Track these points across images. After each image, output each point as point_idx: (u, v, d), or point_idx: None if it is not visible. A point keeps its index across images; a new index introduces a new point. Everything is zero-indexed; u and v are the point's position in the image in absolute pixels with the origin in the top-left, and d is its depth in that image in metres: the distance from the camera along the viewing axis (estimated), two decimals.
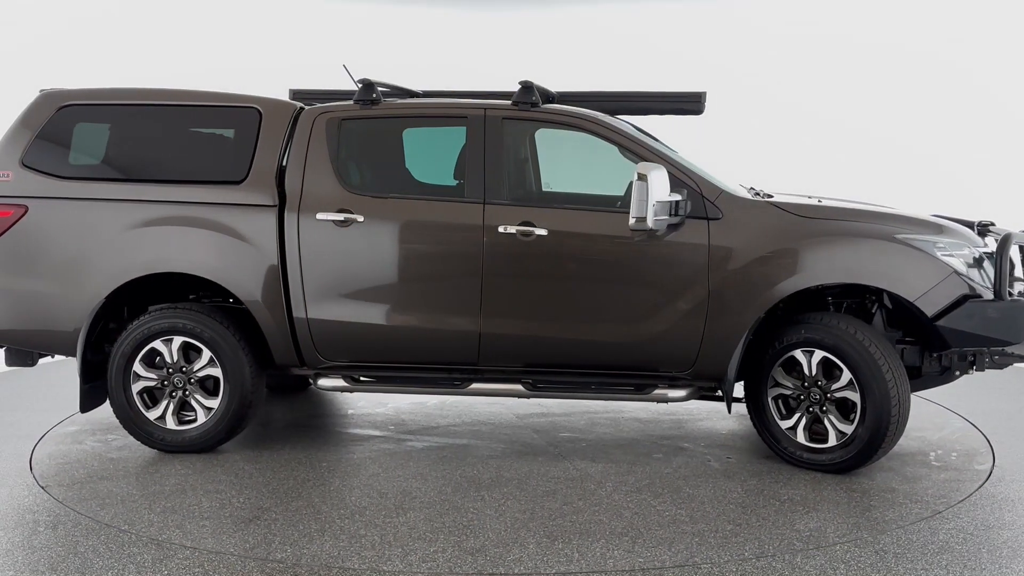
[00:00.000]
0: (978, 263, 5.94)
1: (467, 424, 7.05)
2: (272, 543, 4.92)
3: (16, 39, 9.03)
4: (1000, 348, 5.97)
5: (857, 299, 6.18)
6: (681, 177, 6.01)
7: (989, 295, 5.86)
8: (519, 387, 6.17)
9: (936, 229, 5.97)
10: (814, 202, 6.43)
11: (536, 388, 6.19)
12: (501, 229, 6.04)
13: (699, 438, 6.71)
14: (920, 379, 6.46)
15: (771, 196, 6.86)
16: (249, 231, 6.20)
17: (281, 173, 6.25)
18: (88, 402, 6.39)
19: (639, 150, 6.11)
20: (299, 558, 4.75)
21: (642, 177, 5.63)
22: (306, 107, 6.46)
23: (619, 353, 6.04)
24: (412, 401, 7.60)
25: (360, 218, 6.13)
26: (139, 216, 6.26)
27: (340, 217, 6.14)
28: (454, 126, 6.30)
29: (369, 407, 7.54)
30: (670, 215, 5.81)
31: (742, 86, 11.38)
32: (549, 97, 7.24)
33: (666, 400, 6.11)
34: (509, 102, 6.31)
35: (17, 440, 6.62)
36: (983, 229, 6.71)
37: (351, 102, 6.41)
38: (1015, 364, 6.33)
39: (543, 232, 6.02)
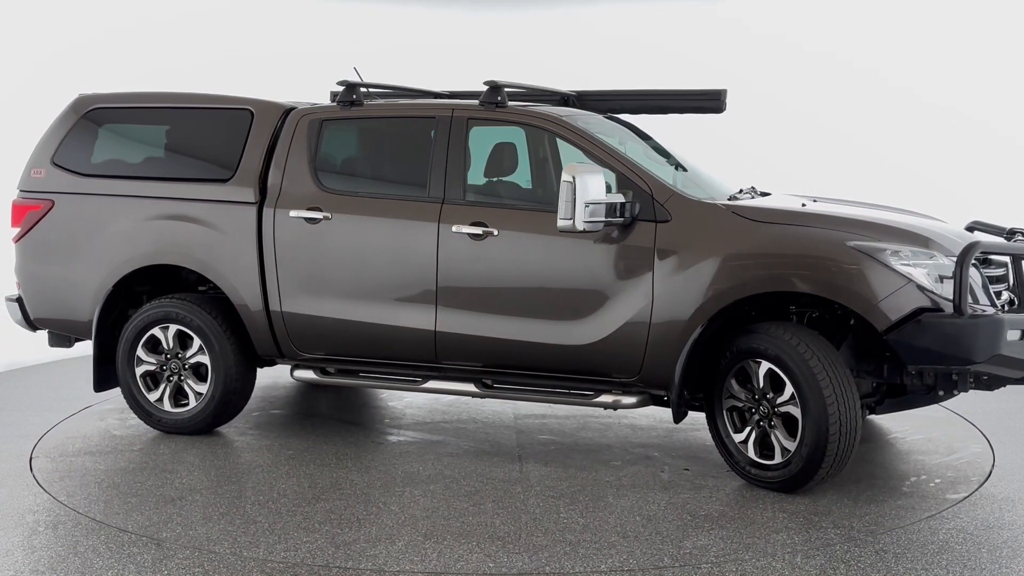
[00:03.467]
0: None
1: (458, 422, 7.12)
2: (171, 522, 5.20)
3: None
4: (988, 367, 5.47)
5: (826, 309, 5.81)
6: (632, 178, 5.87)
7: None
8: (472, 387, 6.20)
9: (900, 236, 5.53)
10: (797, 204, 6.13)
11: (492, 388, 6.20)
12: (455, 229, 6.08)
13: (677, 447, 6.51)
14: (906, 398, 6.04)
15: (768, 195, 6.64)
16: (233, 227, 6.52)
17: (265, 171, 6.53)
18: (101, 384, 6.90)
19: (598, 151, 6.02)
20: (179, 538, 4.99)
21: (570, 179, 5.53)
22: (295, 108, 6.71)
23: (568, 356, 5.96)
24: (428, 398, 7.71)
25: (329, 216, 6.33)
26: (140, 211, 6.71)
27: (311, 215, 6.36)
28: (427, 127, 6.37)
29: (386, 402, 7.72)
30: (612, 216, 5.68)
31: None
32: (565, 99, 7.22)
33: (615, 407, 5.97)
34: (477, 102, 6.34)
35: (17, 440, 6.66)
36: (1010, 236, 6.21)
37: (335, 103, 6.61)
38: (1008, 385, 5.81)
39: (494, 232, 6.02)
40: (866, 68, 11.03)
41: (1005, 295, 5.84)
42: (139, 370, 6.78)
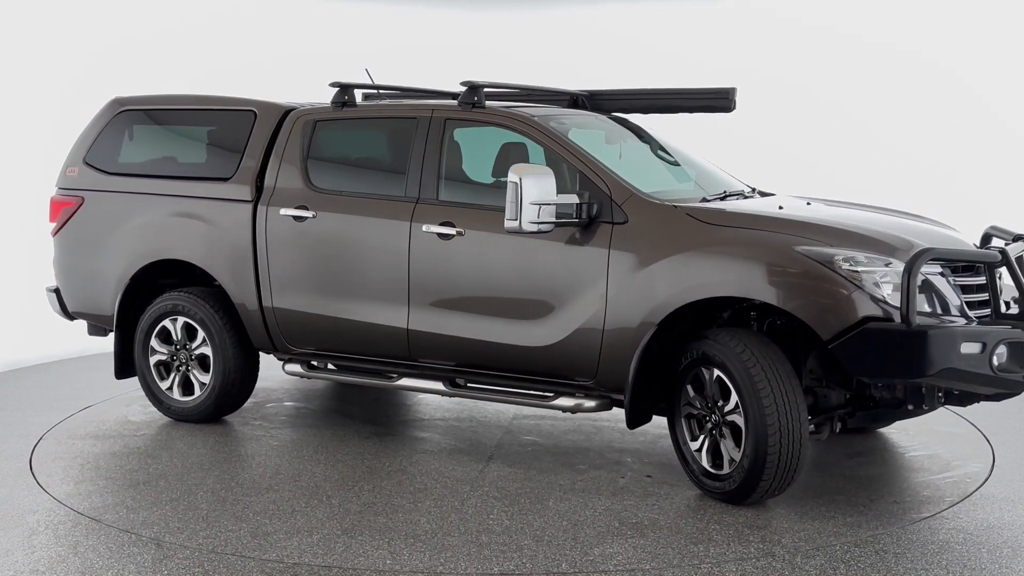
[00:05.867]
0: (926, 284, 5.20)
1: (455, 420, 7.17)
2: (121, 506, 5.45)
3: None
4: (940, 381, 5.19)
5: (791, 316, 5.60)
6: (593, 179, 5.81)
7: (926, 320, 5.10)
8: (440, 385, 6.26)
9: (859, 242, 5.28)
10: (772, 207, 5.94)
11: (462, 388, 6.25)
12: (424, 228, 6.14)
13: (655, 453, 6.37)
14: (878, 411, 5.76)
15: (772, 195, 6.53)
16: (231, 224, 6.77)
17: (263, 170, 6.75)
18: (122, 372, 7.27)
19: (564, 152, 5.98)
20: (118, 520, 5.23)
21: (515, 180, 5.51)
22: (295, 108, 6.89)
23: (529, 358, 5.94)
24: (441, 397, 7.74)
25: (314, 214, 6.50)
26: (153, 208, 7.04)
27: (298, 213, 6.54)
28: (408, 127, 6.45)
29: (403, 399, 7.82)
30: (566, 218, 5.63)
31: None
32: (575, 98, 7.19)
33: (574, 410, 5.93)
34: (455, 102, 6.39)
35: (17, 440, 6.68)
36: (1014, 241, 5.89)
37: (330, 104, 6.77)
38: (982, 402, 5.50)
39: (460, 232, 6.05)
40: (880, 66, 10.59)
41: (1002, 303, 5.52)
42: (152, 360, 7.11)
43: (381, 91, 7.33)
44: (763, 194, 6.65)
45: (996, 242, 6.15)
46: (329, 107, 6.74)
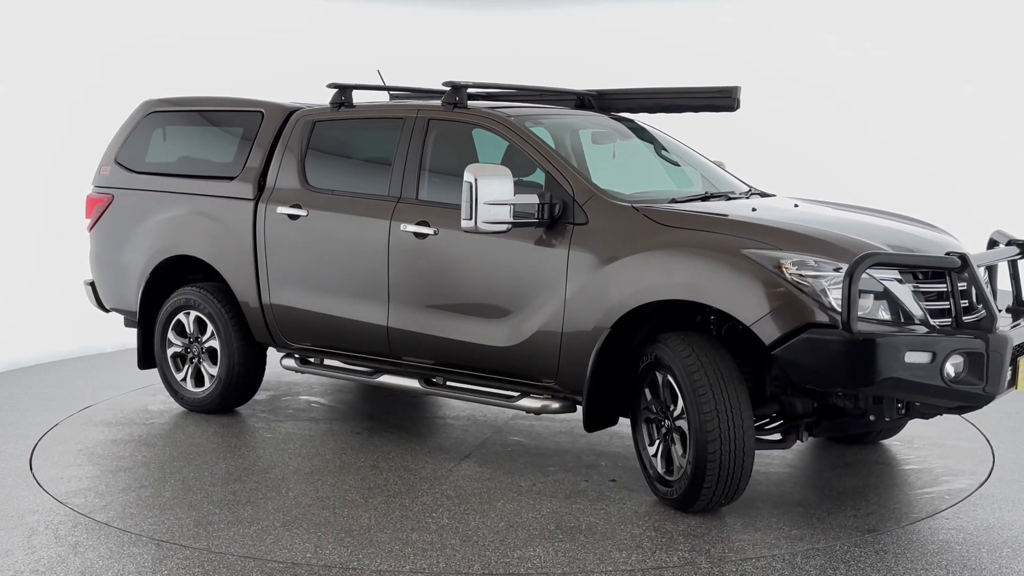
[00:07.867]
0: (884, 291, 5.00)
1: (453, 419, 7.20)
2: (91, 491, 5.70)
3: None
4: (884, 391, 4.99)
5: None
6: (558, 179, 5.77)
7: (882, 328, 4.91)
8: (416, 383, 6.32)
9: (811, 245, 5.09)
10: (747, 208, 5.79)
11: (438, 386, 6.30)
12: (402, 227, 6.21)
13: (633, 458, 6.26)
14: (843, 420, 5.55)
15: (773, 195, 6.44)
16: (235, 222, 6.97)
17: (265, 169, 6.93)
18: (145, 363, 7.57)
19: (533, 152, 5.96)
20: (79, 504, 5.47)
21: (471, 180, 5.51)
22: (299, 109, 7.04)
23: (496, 357, 5.93)
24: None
25: (306, 212, 6.64)
26: (169, 206, 7.31)
27: (292, 211, 6.69)
28: (395, 127, 6.52)
29: (417, 396, 7.87)
30: (529, 218, 5.62)
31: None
32: (581, 99, 7.15)
33: (540, 411, 5.90)
34: (439, 103, 6.43)
35: (17, 440, 6.68)
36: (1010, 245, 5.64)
37: (328, 105, 6.90)
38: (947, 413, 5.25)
39: (435, 232, 6.09)
40: (888, 67, 10.19)
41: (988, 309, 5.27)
42: (169, 352, 7.38)
43: (391, 91, 7.42)
44: (763, 195, 6.49)
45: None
46: (328, 108, 6.86)
